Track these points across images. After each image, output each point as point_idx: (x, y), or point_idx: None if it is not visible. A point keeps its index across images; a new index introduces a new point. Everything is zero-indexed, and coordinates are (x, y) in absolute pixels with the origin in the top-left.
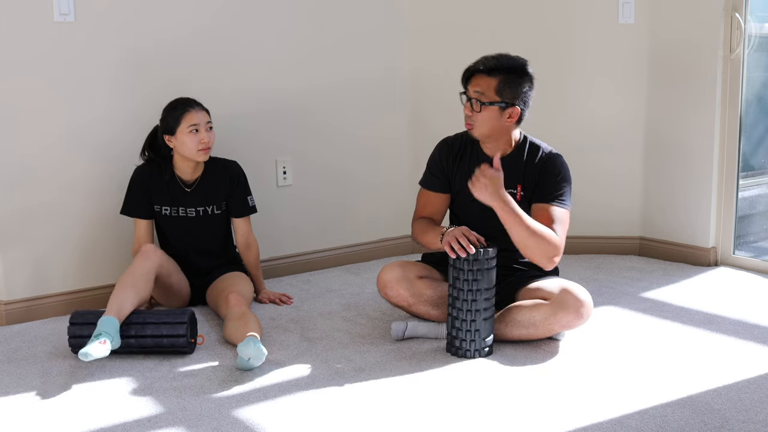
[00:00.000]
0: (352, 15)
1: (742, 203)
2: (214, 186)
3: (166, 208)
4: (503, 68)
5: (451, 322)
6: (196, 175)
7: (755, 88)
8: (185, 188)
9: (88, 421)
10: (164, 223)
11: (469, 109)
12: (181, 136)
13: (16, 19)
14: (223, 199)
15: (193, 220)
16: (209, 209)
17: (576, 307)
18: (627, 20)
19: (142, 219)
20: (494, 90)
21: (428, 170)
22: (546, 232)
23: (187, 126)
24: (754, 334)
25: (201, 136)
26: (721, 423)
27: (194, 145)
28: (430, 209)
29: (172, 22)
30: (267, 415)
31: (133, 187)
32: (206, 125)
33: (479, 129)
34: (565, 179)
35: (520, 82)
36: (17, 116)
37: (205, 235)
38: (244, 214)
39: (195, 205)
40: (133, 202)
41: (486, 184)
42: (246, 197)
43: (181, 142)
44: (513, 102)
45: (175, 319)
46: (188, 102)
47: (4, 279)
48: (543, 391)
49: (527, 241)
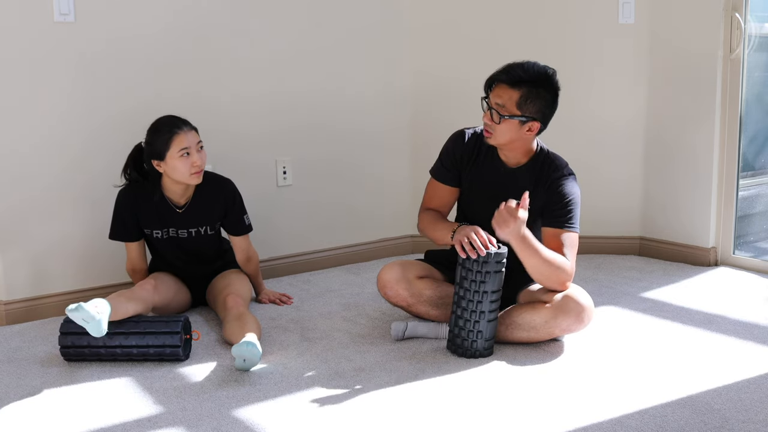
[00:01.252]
0: (352, 14)
1: (742, 203)
2: (207, 207)
3: (156, 231)
4: (528, 80)
5: (455, 321)
6: (187, 196)
7: (755, 88)
8: (176, 209)
9: (88, 421)
10: (156, 243)
11: (489, 118)
12: (172, 161)
13: (16, 19)
14: (217, 220)
15: (186, 240)
16: (202, 230)
17: (577, 311)
18: (627, 20)
19: (132, 242)
20: (515, 104)
21: (440, 161)
22: (558, 260)
23: (178, 150)
24: (754, 334)
25: (193, 159)
26: (721, 423)
27: (186, 169)
28: (437, 201)
29: (171, 22)
30: (267, 415)
31: (120, 212)
32: (197, 146)
33: (497, 139)
34: (575, 202)
35: (544, 95)
36: (17, 116)
37: (199, 252)
38: (241, 233)
39: (187, 227)
40: (121, 228)
41: (510, 224)
42: (242, 216)
43: (171, 167)
44: (534, 116)
45: (169, 329)
46: (174, 123)
47: (4, 279)
48: (543, 391)
49: (541, 269)
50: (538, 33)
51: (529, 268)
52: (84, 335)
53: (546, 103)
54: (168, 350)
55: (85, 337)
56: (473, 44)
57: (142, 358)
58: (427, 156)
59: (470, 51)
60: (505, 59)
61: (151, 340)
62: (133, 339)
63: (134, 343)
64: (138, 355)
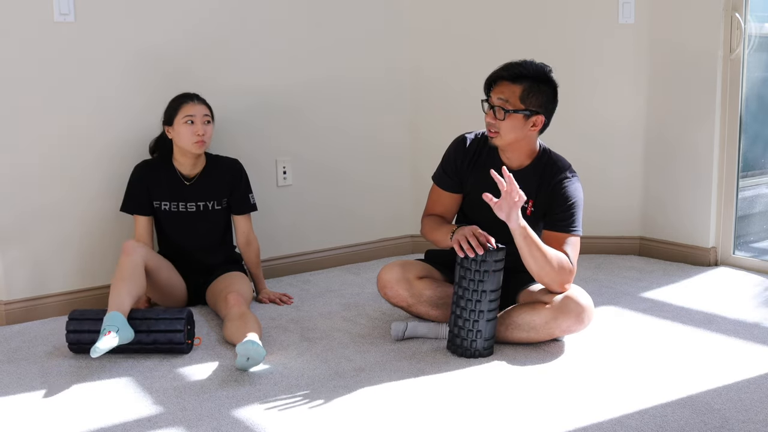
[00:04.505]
0: (352, 15)
1: (742, 203)
2: (215, 182)
3: (165, 203)
4: (528, 75)
5: (454, 321)
6: (197, 170)
7: (755, 88)
8: (185, 182)
9: (88, 421)
10: (164, 219)
11: (492, 117)
12: (177, 126)
13: (16, 19)
14: (224, 196)
15: (193, 215)
16: (209, 204)
17: (577, 312)
18: (627, 20)
19: (141, 216)
20: (518, 97)
21: (441, 167)
22: (560, 259)
23: (183, 116)
24: (754, 334)
25: (196, 128)
26: (721, 423)
27: (189, 136)
28: (440, 208)
29: (172, 22)
30: (267, 415)
31: (133, 183)
32: (203, 118)
33: (503, 138)
34: (578, 204)
35: (545, 89)
36: (17, 116)
37: (205, 231)
38: (245, 212)
39: (195, 200)
40: (132, 199)
41: (514, 200)
42: (248, 194)
43: (177, 132)
44: (538, 110)
45: (174, 315)
46: (188, 95)
47: (4, 279)
48: (543, 391)
49: (542, 264)
50: (538, 33)
51: (530, 264)
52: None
53: (548, 97)
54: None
55: (85, 323)
56: (473, 45)
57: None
58: (426, 156)
59: (470, 51)
60: (505, 59)
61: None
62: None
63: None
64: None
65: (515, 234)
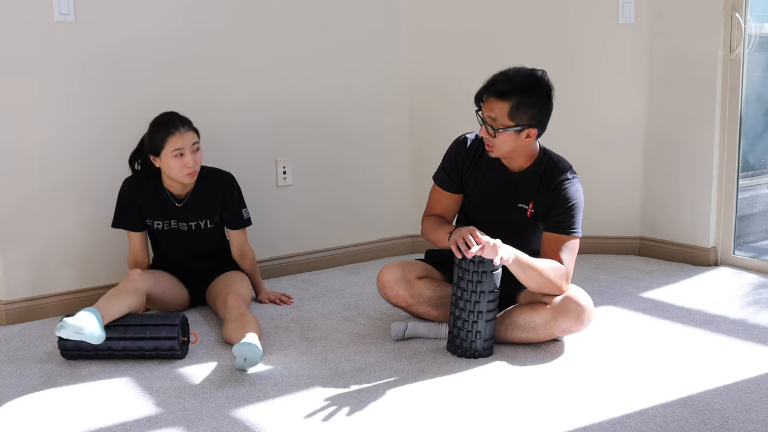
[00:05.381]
0: (352, 16)
1: (742, 203)
2: (206, 200)
3: (158, 222)
4: (515, 89)
5: (453, 321)
6: (187, 190)
7: (755, 88)
8: (176, 203)
9: (88, 421)
10: (158, 235)
11: (485, 132)
12: (166, 159)
13: (16, 19)
14: (216, 213)
15: (187, 233)
16: (202, 223)
17: (577, 312)
18: (627, 20)
19: (135, 232)
20: (507, 115)
21: (442, 167)
22: (555, 269)
23: (172, 150)
24: (754, 334)
25: (186, 160)
26: (721, 423)
27: (179, 169)
28: (440, 208)
29: (172, 23)
30: (267, 415)
31: (123, 200)
32: (192, 147)
33: (498, 151)
34: (578, 206)
35: (535, 101)
36: (17, 116)
37: (200, 245)
38: (239, 227)
39: (187, 220)
40: (124, 216)
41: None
42: (240, 210)
43: (166, 164)
44: (529, 123)
45: (166, 321)
46: (172, 123)
47: (4, 279)
48: (543, 391)
49: (539, 281)
50: (538, 33)
51: (528, 283)
52: None
53: (538, 109)
54: (167, 344)
55: None
56: (472, 45)
57: (139, 354)
58: (426, 156)
59: (469, 52)
60: (505, 60)
61: (150, 332)
62: (131, 331)
63: (132, 335)
64: (134, 349)
65: (509, 266)
